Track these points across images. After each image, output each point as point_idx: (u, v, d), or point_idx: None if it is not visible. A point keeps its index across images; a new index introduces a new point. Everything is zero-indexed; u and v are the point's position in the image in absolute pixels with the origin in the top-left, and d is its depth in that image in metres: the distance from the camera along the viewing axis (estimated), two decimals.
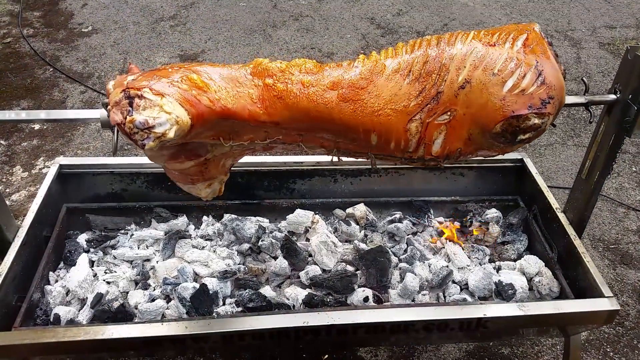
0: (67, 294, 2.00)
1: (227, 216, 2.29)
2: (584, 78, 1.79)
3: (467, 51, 1.52)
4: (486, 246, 2.25)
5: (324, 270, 2.10)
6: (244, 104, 1.51)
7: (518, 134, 1.56)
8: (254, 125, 1.54)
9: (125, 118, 1.34)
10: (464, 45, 1.53)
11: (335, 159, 1.70)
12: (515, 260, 2.21)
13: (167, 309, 1.95)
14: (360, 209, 2.33)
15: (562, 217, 2.15)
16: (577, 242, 2.04)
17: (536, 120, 1.54)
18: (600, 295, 1.84)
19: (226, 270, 2.03)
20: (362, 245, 2.18)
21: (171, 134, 1.35)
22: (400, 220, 2.30)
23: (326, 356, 2.32)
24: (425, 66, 1.53)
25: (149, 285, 2.06)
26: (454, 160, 1.71)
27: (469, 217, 2.33)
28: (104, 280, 2.04)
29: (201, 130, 1.49)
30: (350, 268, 2.11)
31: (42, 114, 1.68)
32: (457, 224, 2.36)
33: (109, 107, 1.41)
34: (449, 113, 1.56)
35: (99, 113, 1.55)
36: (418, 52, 1.54)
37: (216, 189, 1.78)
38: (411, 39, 1.60)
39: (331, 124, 1.55)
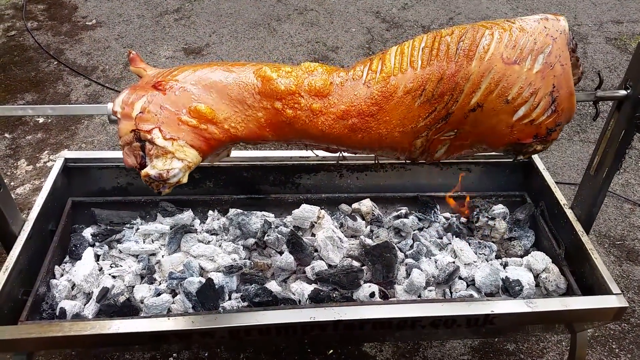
0: (72, 288, 2.00)
1: (232, 211, 2.28)
2: (600, 72, 1.77)
3: (484, 71, 1.48)
4: (493, 242, 2.24)
5: (329, 266, 2.09)
6: (253, 128, 1.50)
7: (518, 155, 1.65)
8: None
9: (140, 165, 1.40)
10: (483, 62, 1.48)
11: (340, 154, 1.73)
12: (522, 257, 2.20)
13: (173, 303, 1.95)
14: (366, 204, 2.32)
15: (569, 213, 2.13)
16: (584, 238, 2.03)
17: (538, 147, 1.61)
18: (608, 292, 1.83)
19: (232, 265, 2.02)
20: (368, 241, 2.17)
21: (185, 179, 1.42)
22: (406, 216, 2.29)
23: (331, 351, 2.32)
24: (439, 86, 1.50)
25: (155, 279, 2.05)
26: (453, 159, 1.75)
27: (475, 212, 2.32)
28: (110, 275, 2.04)
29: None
30: (356, 263, 2.10)
31: (49, 108, 1.66)
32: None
33: (120, 143, 1.44)
34: (455, 131, 1.57)
35: (106, 108, 1.54)
36: (434, 67, 1.49)
37: (224, 155, 1.79)
38: (430, 33, 1.54)
39: (338, 145, 1.57)
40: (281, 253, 2.13)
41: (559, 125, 1.56)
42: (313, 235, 2.23)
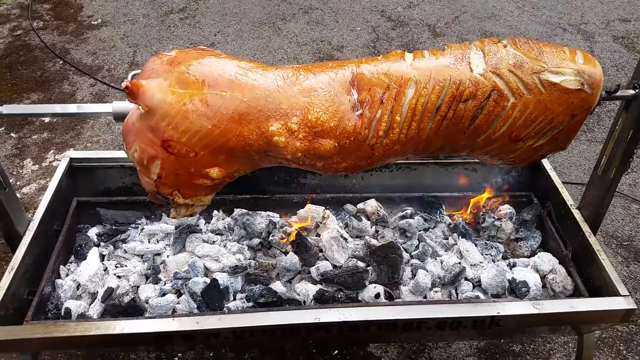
0: (77, 288, 2.00)
1: (237, 211, 2.28)
2: (619, 85, 1.70)
3: (488, 144, 1.57)
4: (499, 243, 2.22)
5: (334, 266, 2.08)
6: (256, 166, 1.62)
7: None
8: None
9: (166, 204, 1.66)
10: (489, 139, 1.55)
11: None
12: (528, 258, 2.18)
13: (177, 303, 1.94)
14: (371, 205, 2.31)
15: (576, 213, 2.12)
16: (592, 239, 2.01)
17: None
18: (615, 293, 1.82)
19: (237, 265, 2.02)
20: (373, 241, 2.16)
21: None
22: (411, 216, 2.28)
23: (336, 352, 2.31)
24: (441, 146, 1.58)
25: (160, 279, 2.05)
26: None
27: (481, 213, 2.30)
28: (115, 275, 2.04)
29: None
30: (361, 264, 2.09)
31: (57, 108, 1.67)
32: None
33: (144, 190, 1.63)
34: None
35: (111, 107, 1.53)
36: (440, 135, 1.52)
37: None
38: (452, 84, 1.47)
39: None
40: (286, 253, 2.12)
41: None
42: (318, 235, 2.22)
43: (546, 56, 1.49)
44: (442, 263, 2.11)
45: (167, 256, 2.14)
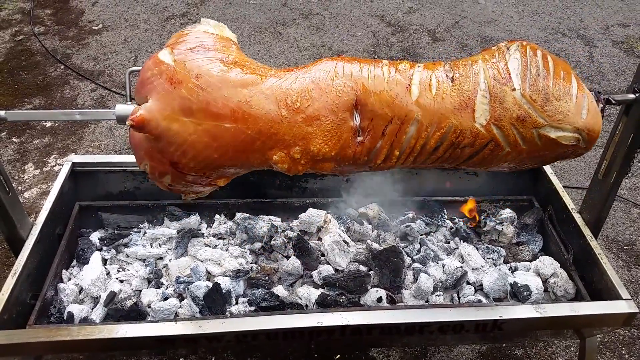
0: (80, 292, 2.00)
1: (239, 215, 2.28)
2: (610, 97, 1.69)
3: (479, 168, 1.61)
4: (501, 247, 2.22)
5: (336, 270, 2.08)
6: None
7: None
8: None
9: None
10: (482, 167, 1.59)
11: None
12: (530, 261, 2.18)
13: (180, 307, 1.94)
14: (372, 209, 2.32)
15: (577, 217, 2.12)
16: (593, 243, 2.02)
17: None
18: (617, 297, 1.82)
19: (239, 269, 2.02)
20: (375, 245, 2.16)
21: None
22: (413, 220, 2.29)
23: (338, 356, 2.31)
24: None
25: (162, 283, 2.05)
26: None
27: (482, 217, 2.31)
28: (117, 279, 2.04)
29: None
30: (363, 268, 2.10)
31: (60, 115, 1.68)
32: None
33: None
34: None
35: (113, 112, 1.54)
36: (434, 163, 1.56)
37: None
38: (452, 130, 1.47)
39: None
40: (288, 257, 2.12)
41: None
42: (319, 239, 2.22)
43: (551, 107, 1.44)
44: (443, 267, 2.11)
45: (169, 260, 2.14)
